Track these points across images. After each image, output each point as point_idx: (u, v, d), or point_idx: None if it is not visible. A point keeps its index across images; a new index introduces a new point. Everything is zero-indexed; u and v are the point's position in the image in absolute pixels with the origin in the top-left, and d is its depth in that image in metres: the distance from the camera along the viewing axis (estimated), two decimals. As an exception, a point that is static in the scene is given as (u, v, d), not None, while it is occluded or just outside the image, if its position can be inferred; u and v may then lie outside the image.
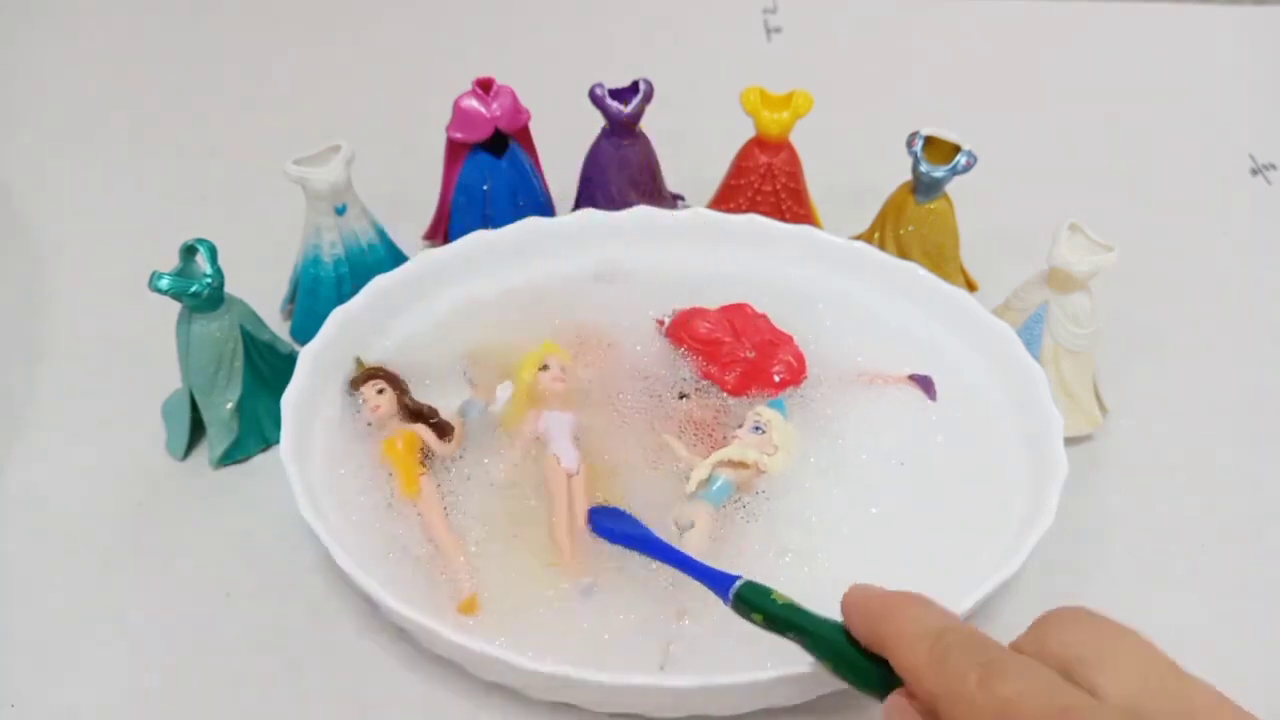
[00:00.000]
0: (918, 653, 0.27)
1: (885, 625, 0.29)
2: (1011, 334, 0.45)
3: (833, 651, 0.31)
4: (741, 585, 0.33)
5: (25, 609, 0.41)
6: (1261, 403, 0.50)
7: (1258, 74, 0.75)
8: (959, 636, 0.27)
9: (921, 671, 0.27)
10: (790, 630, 0.32)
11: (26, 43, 0.74)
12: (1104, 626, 0.27)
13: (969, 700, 0.25)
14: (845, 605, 0.31)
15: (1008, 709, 0.25)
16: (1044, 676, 0.25)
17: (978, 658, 0.26)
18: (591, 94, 0.51)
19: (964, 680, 0.26)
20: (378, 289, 0.46)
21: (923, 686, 0.27)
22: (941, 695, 0.26)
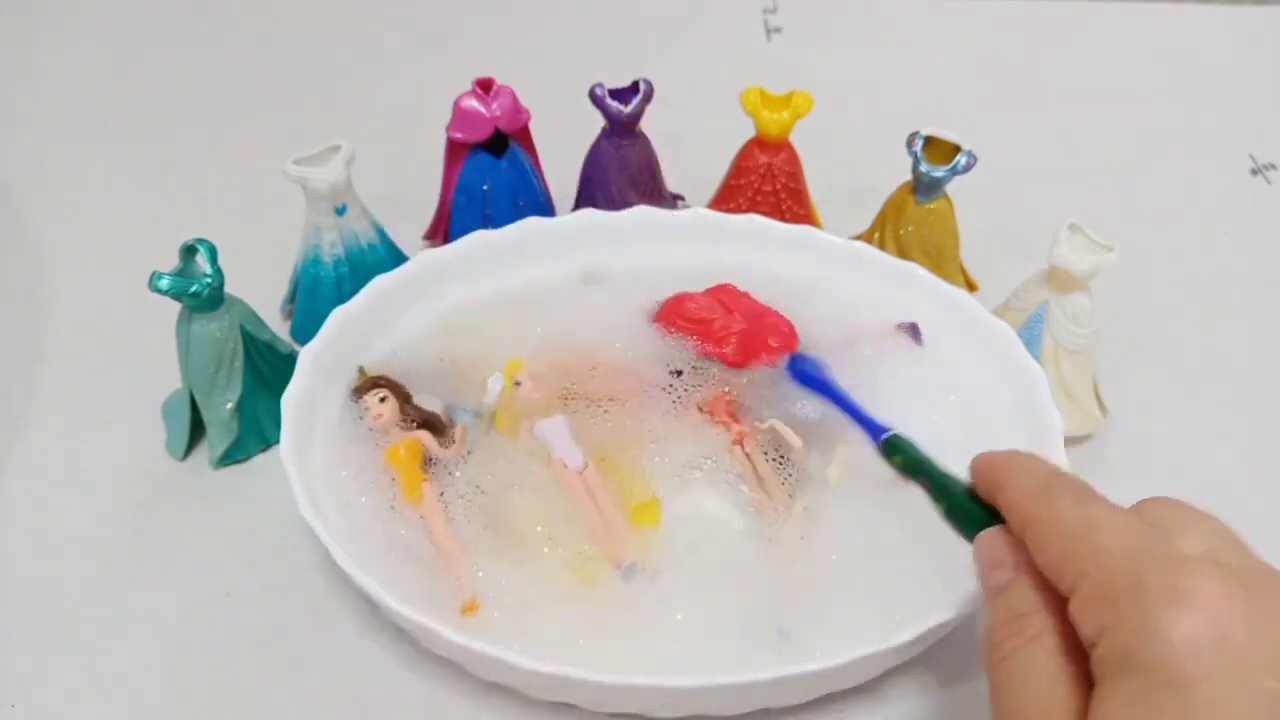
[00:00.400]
0: (1026, 487, 0.30)
1: (1003, 470, 0.32)
2: (1011, 334, 0.45)
3: (951, 494, 0.34)
4: (892, 435, 0.38)
5: (25, 609, 0.41)
6: (1262, 402, 0.50)
7: (1258, 74, 0.75)
8: (1067, 480, 0.30)
9: (1025, 501, 0.30)
10: (921, 475, 0.36)
11: (26, 43, 0.74)
12: (1190, 507, 0.30)
13: (1060, 517, 0.28)
14: (974, 462, 0.33)
15: (1093, 524, 0.27)
16: (1130, 514, 0.28)
17: (1076, 492, 0.29)
18: (591, 94, 0.51)
19: (1060, 503, 0.29)
20: (378, 289, 0.46)
21: (1020, 513, 0.30)
22: (1038, 516, 0.29)
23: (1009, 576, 0.29)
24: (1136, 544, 0.26)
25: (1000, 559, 0.30)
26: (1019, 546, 0.30)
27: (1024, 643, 0.28)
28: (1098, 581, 0.26)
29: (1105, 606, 0.26)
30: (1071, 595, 0.27)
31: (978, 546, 0.31)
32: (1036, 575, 0.29)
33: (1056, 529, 0.28)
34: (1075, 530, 0.28)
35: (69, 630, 0.40)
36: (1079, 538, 0.27)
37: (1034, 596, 0.28)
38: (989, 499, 0.32)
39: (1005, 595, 0.29)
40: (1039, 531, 0.29)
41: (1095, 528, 0.27)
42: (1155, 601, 0.25)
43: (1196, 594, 0.24)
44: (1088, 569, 0.27)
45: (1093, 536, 0.27)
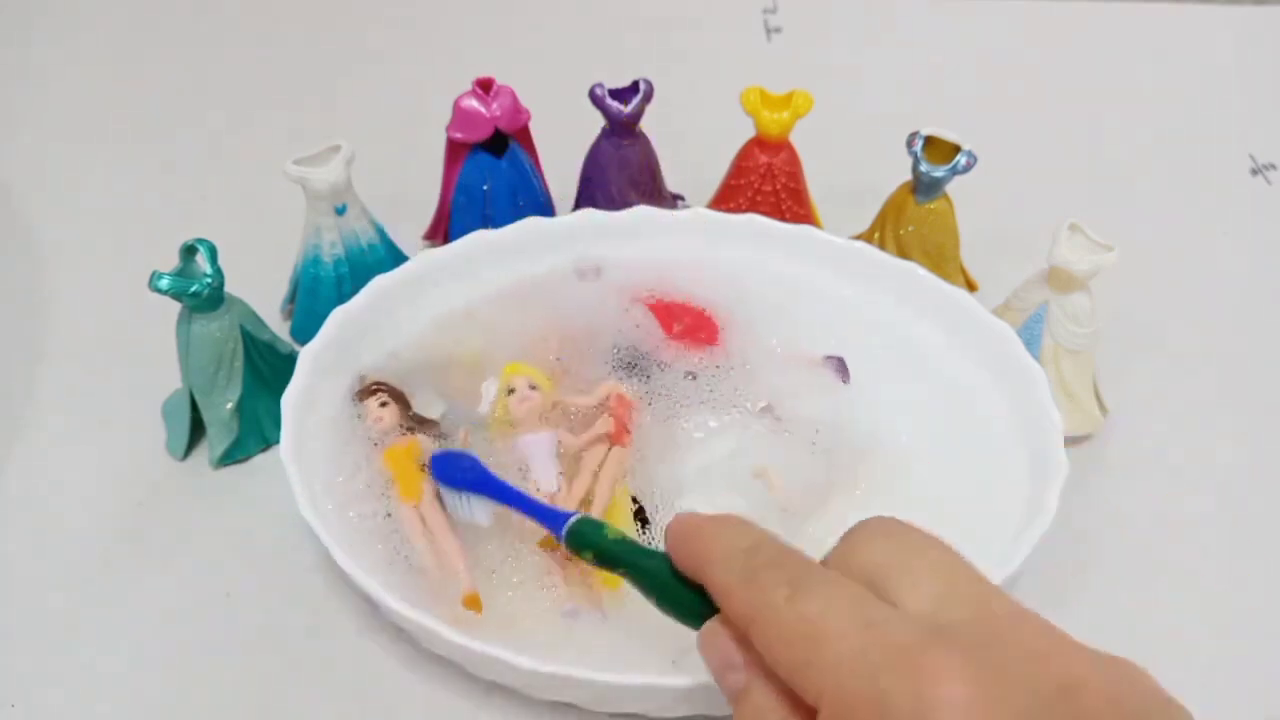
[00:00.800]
0: (730, 572, 0.27)
1: (700, 546, 0.29)
2: (1011, 334, 0.45)
3: (656, 583, 0.31)
4: (576, 521, 0.34)
5: (25, 609, 0.41)
6: (1262, 402, 0.50)
7: (1258, 74, 0.75)
8: (770, 553, 0.27)
9: (733, 591, 0.27)
10: (619, 565, 0.32)
11: (26, 43, 0.74)
12: (907, 538, 0.27)
13: (778, 619, 0.25)
14: (667, 533, 0.30)
15: (815, 627, 0.25)
16: (848, 593, 0.25)
17: (786, 575, 0.26)
18: (591, 94, 0.51)
19: (772, 598, 0.26)
20: (378, 289, 0.46)
21: (734, 608, 0.27)
22: (751, 615, 0.26)
23: (744, 679, 0.27)
24: (866, 645, 0.24)
25: (730, 659, 0.27)
26: (744, 641, 0.27)
27: None
28: (839, 703, 0.24)
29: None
30: (818, 713, 0.24)
31: (702, 645, 0.28)
32: (770, 673, 0.26)
33: (778, 632, 0.25)
34: (797, 637, 0.25)
35: (69, 630, 0.40)
36: (803, 646, 0.25)
37: (775, 700, 0.26)
38: (690, 574, 0.29)
39: (746, 703, 0.27)
40: (759, 634, 0.26)
41: (818, 633, 0.25)
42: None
43: (945, 702, 0.22)
44: (824, 685, 0.24)
45: (817, 646, 0.24)
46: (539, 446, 0.42)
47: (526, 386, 0.43)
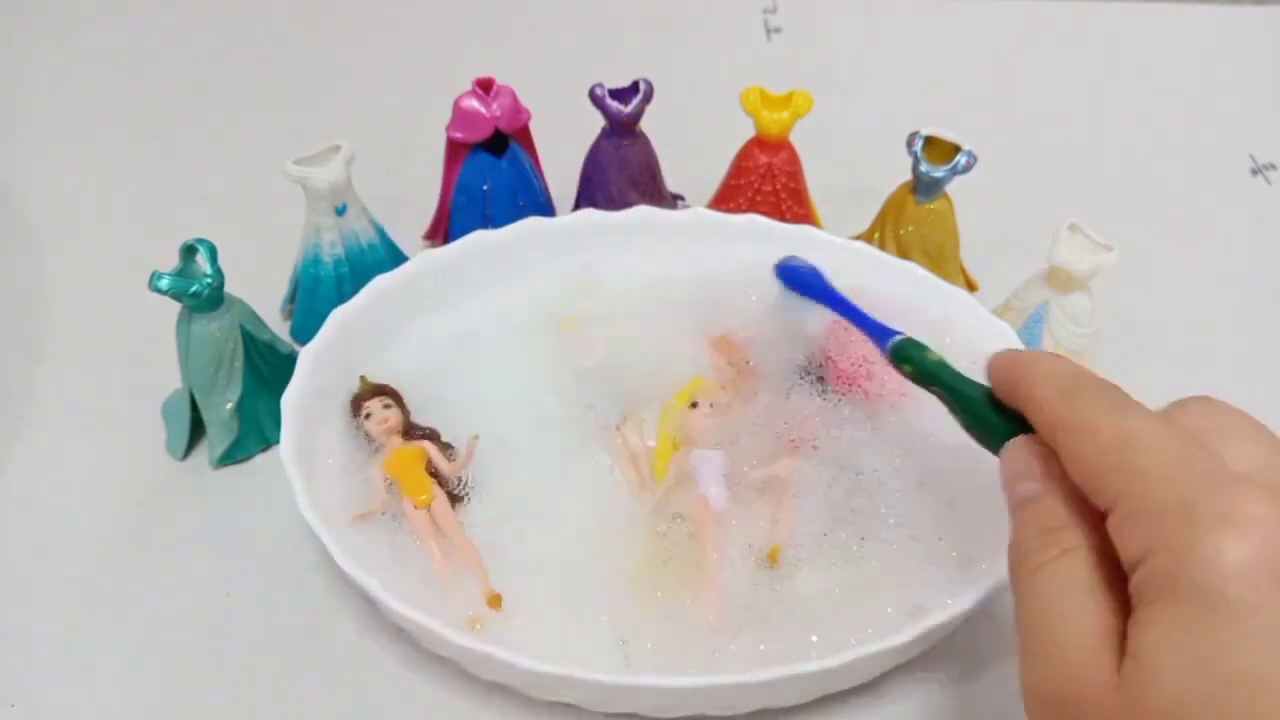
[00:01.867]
0: (1052, 386, 0.28)
1: (1025, 367, 0.30)
2: (1012, 334, 0.45)
3: (968, 404, 0.32)
4: (900, 340, 0.37)
5: (25, 609, 0.41)
6: (1262, 403, 0.50)
7: (1258, 74, 0.75)
8: (1094, 381, 0.28)
9: (1052, 403, 0.28)
10: (935, 384, 0.34)
11: (26, 42, 0.74)
12: (1232, 412, 0.28)
13: (1094, 427, 0.26)
14: (991, 361, 0.31)
15: (1132, 437, 0.26)
16: (1169, 426, 0.26)
17: (1110, 398, 0.27)
18: (591, 94, 0.51)
19: (1093, 410, 0.27)
20: (378, 289, 0.46)
21: (1047, 417, 0.28)
22: (1066, 423, 0.27)
23: (1037, 489, 0.28)
24: (1182, 462, 0.25)
25: (1028, 470, 0.28)
26: (1049, 456, 0.28)
27: (1057, 555, 0.26)
28: (1141, 500, 0.24)
29: (1149, 527, 0.24)
30: (1110, 512, 0.25)
31: (1004, 457, 0.30)
32: (1068, 487, 0.27)
33: (1091, 440, 0.26)
34: (1112, 444, 0.26)
35: (69, 630, 0.40)
36: (1117, 452, 0.25)
37: (1066, 510, 0.27)
38: (1010, 403, 0.30)
39: (1034, 507, 0.28)
40: (1071, 442, 0.27)
41: (1135, 442, 0.25)
42: (1205, 525, 0.23)
43: (1248, 519, 0.23)
44: (1129, 487, 0.25)
45: (1133, 453, 0.25)
46: (711, 464, 0.41)
47: (708, 405, 0.43)
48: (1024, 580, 0.27)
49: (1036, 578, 0.27)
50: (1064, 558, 0.26)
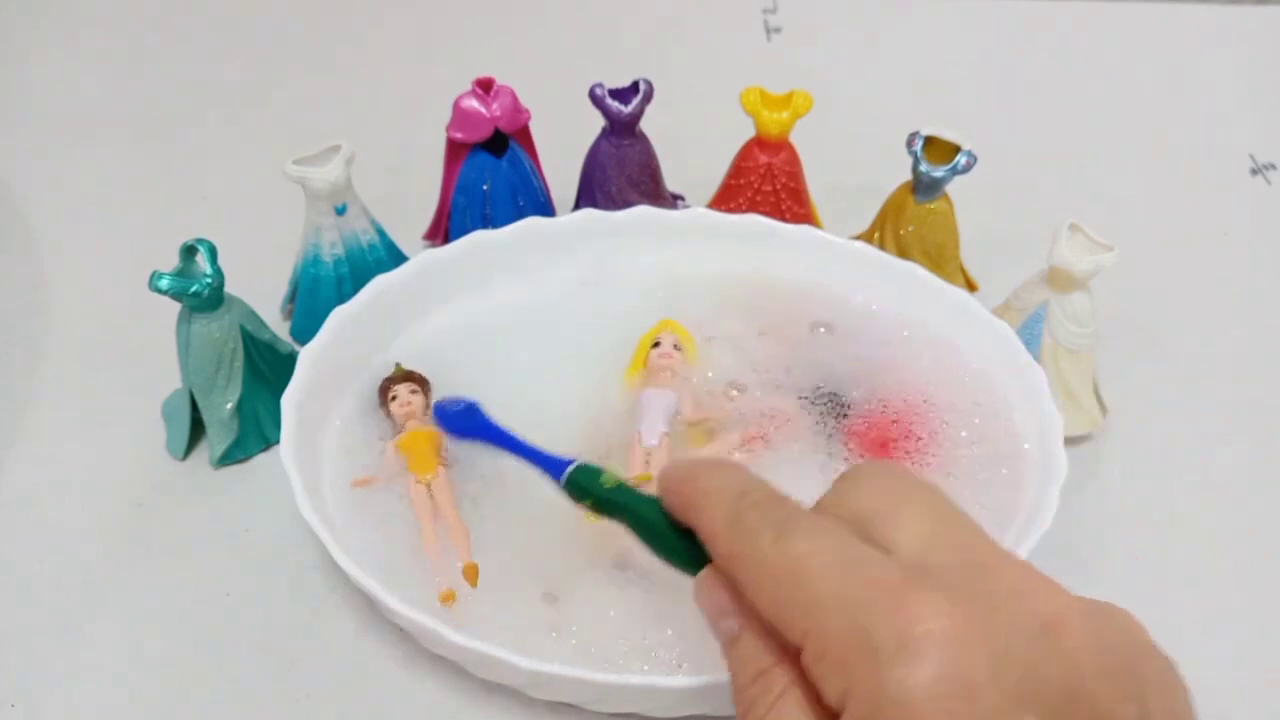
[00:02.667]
0: (717, 516, 0.27)
1: (690, 490, 0.29)
2: (1011, 334, 0.45)
3: (651, 529, 0.30)
4: (574, 469, 0.34)
5: (25, 609, 0.41)
6: (1262, 403, 0.50)
7: (1258, 74, 0.75)
8: (759, 496, 0.27)
9: (720, 534, 0.27)
10: (616, 513, 0.32)
11: (26, 42, 0.74)
12: (899, 482, 0.27)
13: (762, 559, 0.25)
14: (659, 478, 0.30)
15: (798, 567, 0.25)
16: (836, 534, 0.25)
17: (773, 516, 0.26)
18: (591, 94, 0.51)
19: (758, 539, 0.26)
20: (378, 289, 0.46)
21: (720, 549, 0.27)
22: (737, 556, 0.26)
23: (736, 626, 0.27)
24: (850, 582, 0.24)
25: (723, 605, 0.27)
26: (736, 588, 0.27)
27: (773, 702, 0.25)
28: (821, 640, 0.24)
29: (838, 669, 0.23)
30: (801, 649, 0.24)
31: (697, 592, 0.28)
32: (762, 620, 0.26)
33: (761, 573, 0.25)
34: (783, 575, 0.25)
35: (69, 630, 0.40)
36: (789, 584, 0.25)
37: (767, 647, 0.26)
38: (681, 518, 0.29)
39: (739, 648, 0.27)
40: (744, 575, 0.26)
41: (802, 570, 0.24)
42: (886, 660, 0.22)
43: (927, 639, 0.22)
44: (808, 622, 0.24)
45: (803, 583, 0.24)
46: (656, 401, 0.43)
47: (671, 345, 0.45)
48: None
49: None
50: (780, 702, 0.25)
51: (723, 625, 0.27)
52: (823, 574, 0.24)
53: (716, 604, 0.28)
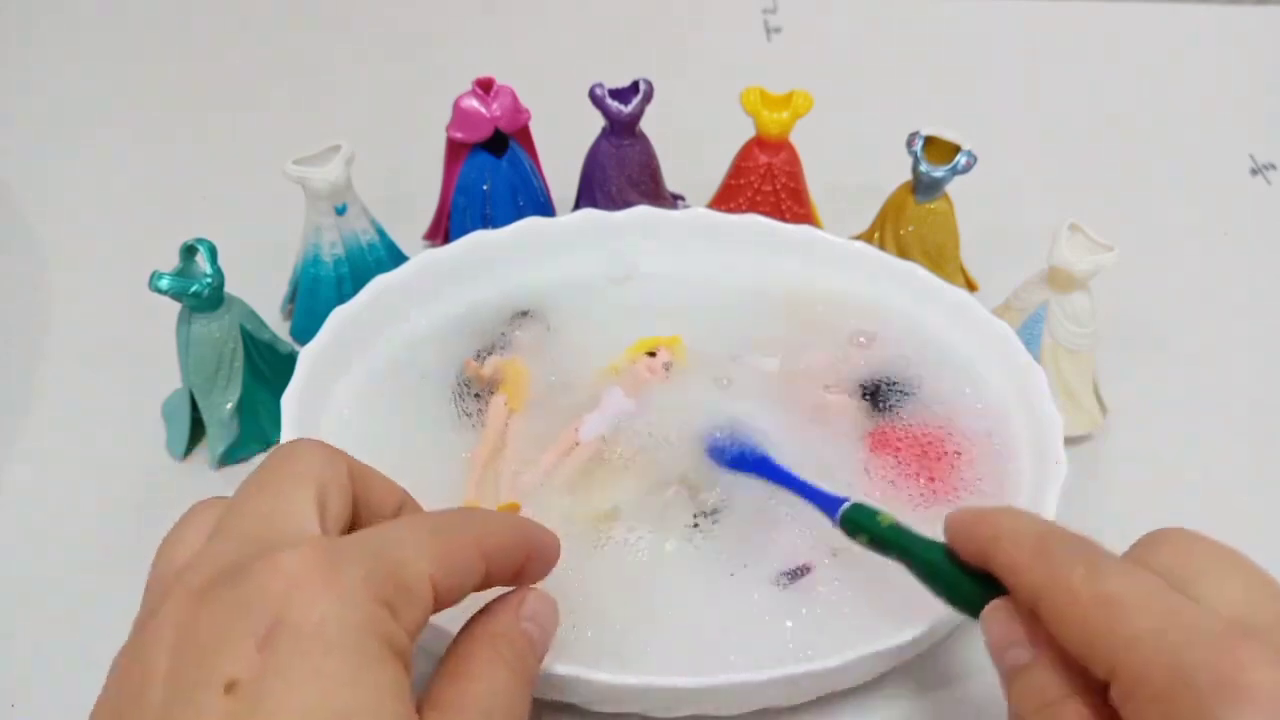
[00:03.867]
0: (1021, 549, 0.28)
1: (988, 528, 0.29)
2: (1011, 334, 0.45)
3: (934, 570, 0.31)
4: (849, 508, 0.35)
5: (25, 609, 0.41)
6: (1262, 403, 0.50)
7: (1258, 74, 0.75)
8: (1064, 535, 0.28)
9: (1025, 566, 0.27)
10: (894, 551, 0.33)
11: (27, 42, 0.74)
12: (1205, 544, 0.27)
13: (1073, 593, 0.26)
14: (949, 521, 0.31)
15: (1114, 602, 0.25)
16: (1150, 579, 0.25)
17: (1083, 555, 0.27)
18: (591, 94, 0.51)
19: (1069, 573, 0.26)
20: (378, 289, 0.46)
21: (1023, 581, 0.27)
22: (1044, 588, 0.27)
23: (1028, 656, 0.27)
24: (1171, 624, 0.24)
25: (1014, 636, 0.28)
26: (1034, 620, 0.27)
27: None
28: (1138, 675, 0.24)
29: (1154, 706, 0.23)
30: (1110, 683, 0.25)
31: (985, 624, 0.29)
32: (1059, 651, 0.26)
33: (1072, 607, 0.26)
34: (1096, 609, 0.25)
35: (69, 630, 0.40)
36: (1103, 619, 0.25)
37: (1061, 680, 0.26)
38: (978, 565, 0.30)
39: (1028, 678, 0.27)
40: (1053, 608, 0.26)
41: (1119, 608, 0.25)
42: (1212, 701, 0.22)
43: (1255, 688, 0.22)
44: (1123, 657, 0.24)
45: (1119, 618, 0.25)
46: (617, 404, 0.43)
47: (662, 364, 0.44)
48: None
49: None
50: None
51: (1011, 654, 0.28)
52: (1142, 610, 0.25)
53: (1007, 633, 0.28)
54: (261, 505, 0.27)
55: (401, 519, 0.29)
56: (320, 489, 0.28)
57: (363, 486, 0.30)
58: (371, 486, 0.31)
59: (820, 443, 0.43)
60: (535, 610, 0.31)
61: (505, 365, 0.45)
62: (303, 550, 0.25)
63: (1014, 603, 0.28)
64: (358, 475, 0.30)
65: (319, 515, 0.27)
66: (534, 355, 0.46)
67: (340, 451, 0.30)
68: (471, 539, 0.28)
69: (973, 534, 0.30)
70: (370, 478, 0.31)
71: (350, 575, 0.25)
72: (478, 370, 0.44)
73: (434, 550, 0.27)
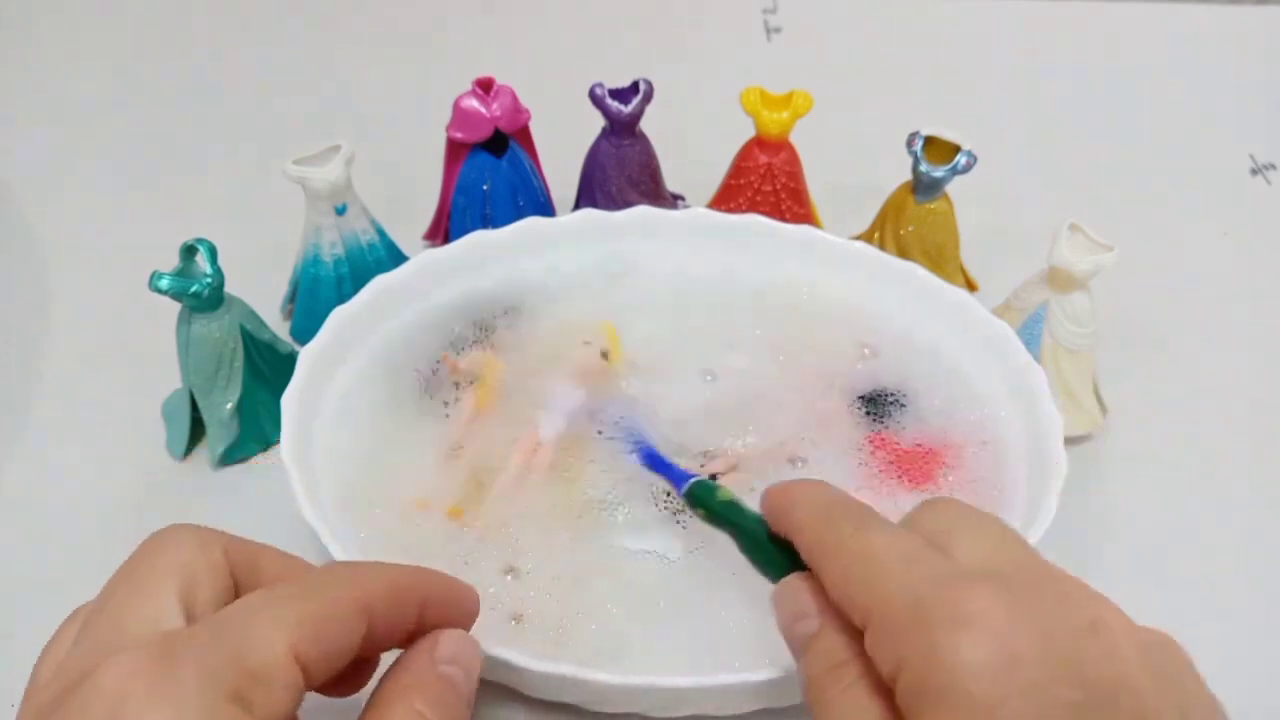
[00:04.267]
0: (809, 514, 0.30)
1: (787, 499, 0.31)
2: (1011, 334, 0.45)
3: (752, 541, 0.33)
4: (693, 483, 0.37)
5: (25, 609, 0.41)
6: (1262, 402, 0.50)
7: (1258, 74, 0.75)
8: (847, 502, 0.30)
9: (808, 528, 0.30)
10: (724, 524, 0.35)
11: (27, 42, 0.74)
12: (966, 510, 0.29)
13: (841, 546, 0.28)
14: (763, 495, 0.33)
15: (871, 554, 0.27)
16: (910, 537, 0.28)
17: (855, 517, 0.29)
18: (591, 94, 0.51)
19: (840, 530, 0.28)
20: (378, 289, 0.46)
21: (806, 539, 0.30)
22: (818, 544, 0.29)
23: (815, 625, 0.29)
24: (915, 569, 0.26)
25: (803, 607, 0.29)
26: (820, 591, 0.29)
27: (843, 690, 0.27)
28: (883, 615, 0.25)
29: (894, 640, 0.25)
30: (865, 631, 0.26)
31: (776, 598, 0.30)
32: (844, 620, 0.28)
33: (839, 559, 0.28)
34: (856, 561, 0.27)
35: (69, 630, 0.40)
36: (860, 568, 0.27)
37: (844, 641, 0.28)
38: (779, 531, 0.32)
39: (817, 645, 0.28)
40: (824, 562, 0.28)
41: (874, 557, 0.27)
42: (939, 629, 0.24)
43: (979, 615, 0.24)
44: (872, 601, 0.26)
45: (872, 565, 0.27)
46: (566, 398, 0.43)
47: (600, 350, 0.45)
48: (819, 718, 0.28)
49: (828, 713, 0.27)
50: (848, 691, 0.27)
51: (800, 626, 0.29)
52: (891, 560, 0.26)
53: (797, 606, 0.29)
54: (117, 605, 0.26)
55: (260, 591, 0.27)
56: (186, 578, 0.27)
57: (246, 566, 0.29)
58: (260, 564, 0.29)
59: (819, 440, 0.43)
60: (453, 652, 0.29)
61: (481, 361, 0.45)
62: (135, 655, 0.23)
63: (805, 578, 0.30)
64: (240, 554, 0.29)
65: (183, 607, 0.26)
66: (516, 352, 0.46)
67: (217, 533, 0.29)
68: (346, 597, 0.27)
69: (776, 504, 0.32)
70: (259, 554, 0.29)
71: (185, 676, 0.23)
72: (455, 364, 0.45)
73: (295, 618, 0.25)
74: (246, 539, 0.29)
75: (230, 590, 0.28)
